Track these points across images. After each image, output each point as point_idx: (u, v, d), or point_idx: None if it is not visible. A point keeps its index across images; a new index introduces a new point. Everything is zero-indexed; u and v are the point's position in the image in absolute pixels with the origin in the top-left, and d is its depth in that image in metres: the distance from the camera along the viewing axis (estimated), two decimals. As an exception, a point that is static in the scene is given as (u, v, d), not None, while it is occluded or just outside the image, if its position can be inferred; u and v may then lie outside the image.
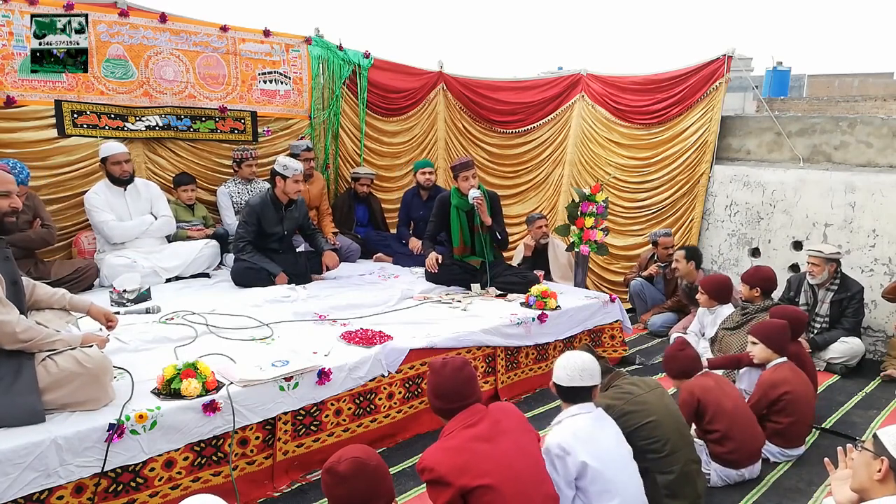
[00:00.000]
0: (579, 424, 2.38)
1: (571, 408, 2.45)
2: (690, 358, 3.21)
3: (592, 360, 2.49)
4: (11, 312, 2.36)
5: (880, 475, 1.70)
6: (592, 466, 2.27)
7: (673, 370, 3.26)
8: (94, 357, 2.50)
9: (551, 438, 2.36)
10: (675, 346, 3.31)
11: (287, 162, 4.74)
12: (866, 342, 4.89)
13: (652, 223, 6.05)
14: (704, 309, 4.56)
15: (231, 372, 2.90)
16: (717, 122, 5.69)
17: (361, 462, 1.82)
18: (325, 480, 1.83)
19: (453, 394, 2.23)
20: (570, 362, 2.46)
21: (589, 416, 2.43)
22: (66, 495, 2.38)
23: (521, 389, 4.15)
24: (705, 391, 3.04)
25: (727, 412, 3.01)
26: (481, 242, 4.79)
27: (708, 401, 3.01)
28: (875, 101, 15.91)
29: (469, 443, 2.12)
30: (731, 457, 3.01)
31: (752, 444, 3.08)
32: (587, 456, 2.28)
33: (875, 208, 5.01)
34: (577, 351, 2.57)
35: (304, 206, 5.04)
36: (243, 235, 4.74)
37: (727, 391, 3.11)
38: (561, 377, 2.45)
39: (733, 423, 3.00)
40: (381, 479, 1.84)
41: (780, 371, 3.35)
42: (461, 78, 7.05)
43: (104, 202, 4.68)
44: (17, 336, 2.34)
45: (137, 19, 4.99)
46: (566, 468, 2.28)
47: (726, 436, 2.99)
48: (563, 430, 2.37)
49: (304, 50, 6.03)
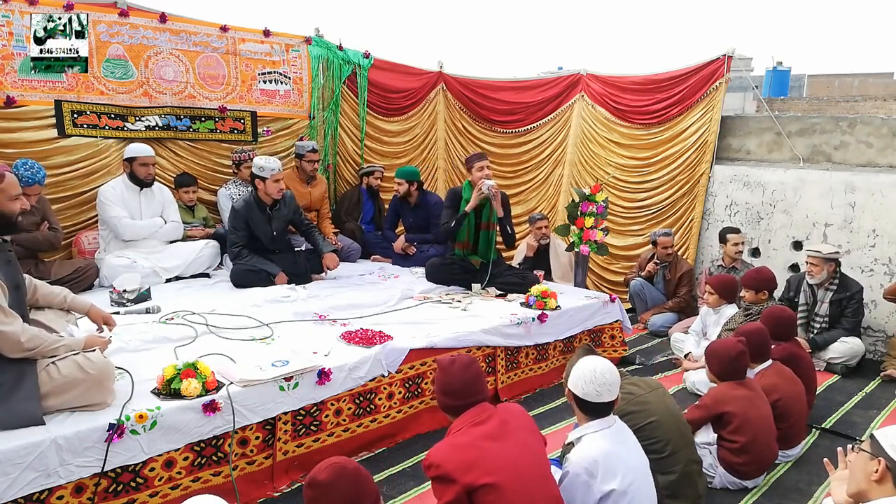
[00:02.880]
0: (604, 446, 2.26)
1: (592, 423, 2.33)
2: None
3: (614, 370, 2.34)
4: (15, 322, 2.34)
5: (877, 476, 1.70)
6: (618, 491, 2.19)
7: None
8: (97, 362, 2.50)
9: (577, 460, 2.24)
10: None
11: (263, 163, 4.69)
12: (866, 342, 4.89)
13: (652, 223, 6.05)
14: (708, 309, 4.55)
15: (231, 372, 2.90)
16: (717, 122, 5.69)
17: (340, 466, 1.79)
18: (309, 495, 1.78)
19: (461, 391, 2.23)
20: (593, 376, 2.29)
21: (610, 431, 2.31)
22: (66, 495, 2.38)
23: (521, 389, 4.15)
24: (732, 401, 2.97)
25: (752, 426, 2.95)
26: (486, 240, 4.79)
27: (734, 412, 2.95)
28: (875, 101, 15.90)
29: (478, 440, 2.11)
30: (742, 468, 2.99)
31: (767, 458, 3.05)
32: (615, 482, 2.19)
33: (875, 208, 5.01)
34: (598, 359, 2.38)
35: (292, 203, 4.97)
36: (236, 241, 4.73)
37: (757, 404, 3.02)
38: (587, 392, 2.29)
39: (755, 439, 2.95)
40: (363, 481, 1.82)
41: (767, 377, 3.29)
42: (461, 78, 7.05)
43: (119, 198, 4.71)
44: (22, 346, 2.34)
45: (137, 19, 4.99)
46: (590, 492, 2.20)
47: (745, 449, 2.94)
48: (588, 451, 2.25)
49: (304, 50, 6.03)
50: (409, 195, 5.88)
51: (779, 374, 3.33)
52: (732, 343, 3.07)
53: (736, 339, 3.11)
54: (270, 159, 4.75)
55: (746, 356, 3.06)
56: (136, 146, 4.81)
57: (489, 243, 4.78)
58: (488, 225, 4.76)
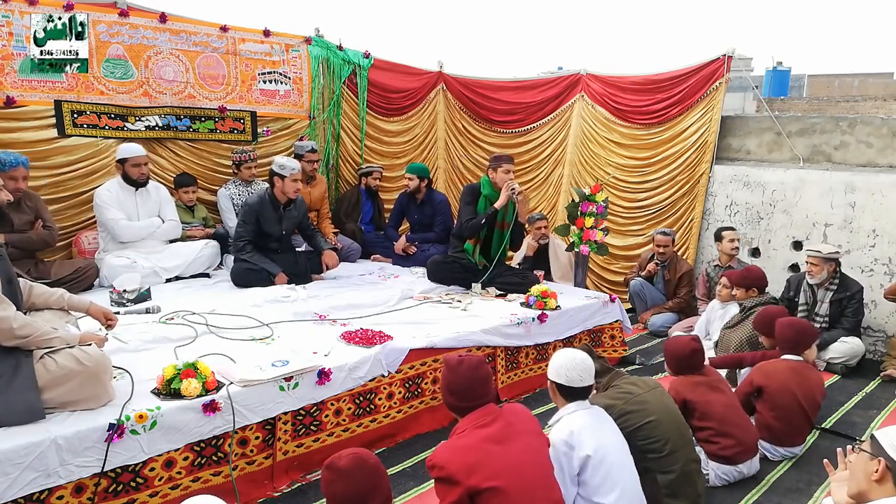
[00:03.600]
0: (579, 420, 2.41)
1: (569, 405, 2.49)
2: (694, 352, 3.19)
3: (587, 358, 2.53)
4: (8, 308, 2.35)
5: (877, 476, 1.70)
6: (594, 458, 2.30)
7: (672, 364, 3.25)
8: (94, 355, 2.50)
9: (555, 436, 2.39)
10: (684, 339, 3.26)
11: (284, 162, 4.74)
12: (866, 342, 4.89)
13: (652, 223, 6.05)
14: (714, 305, 4.53)
15: (231, 372, 2.90)
16: (717, 122, 5.69)
17: (361, 458, 1.85)
18: (325, 477, 1.85)
19: (468, 392, 2.24)
20: (569, 363, 2.48)
21: (587, 411, 2.47)
22: (66, 495, 2.38)
23: (521, 389, 4.16)
24: (691, 388, 3.04)
25: (716, 409, 3.01)
26: (500, 239, 4.79)
27: (695, 399, 3.01)
28: (875, 101, 15.90)
29: (481, 443, 2.12)
30: (724, 453, 3.01)
31: (745, 437, 3.06)
32: (589, 448, 2.32)
33: (875, 208, 5.01)
34: (574, 350, 2.59)
35: (303, 206, 5.04)
36: (242, 235, 4.75)
37: (716, 386, 3.11)
38: (561, 377, 2.48)
39: (724, 420, 3.01)
40: (379, 476, 1.87)
41: (772, 364, 3.38)
42: (461, 78, 7.05)
43: (115, 200, 4.69)
44: (14, 332, 2.34)
45: (137, 19, 4.99)
46: (570, 463, 2.32)
47: (718, 432, 3.00)
48: (565, 427, 2.40)
49: (304, 50, 6.03)
50: (418, 191, 5.92)
51: (793, 369, 3.34)
52: (686, 341, 3.18)
53: (690, 337, 3.24)
54: (291, 159, 4.84)
55: (699, 353, 3.14)
56: (126, 147, 4.76)
57: (501, 243, 4.79)
58: (503, 224, 4.77)
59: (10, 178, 3.95)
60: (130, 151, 4.73)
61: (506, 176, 4.67)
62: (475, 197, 4.81)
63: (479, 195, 4.79)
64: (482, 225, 4.70)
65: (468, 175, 7.08)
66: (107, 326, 2.97)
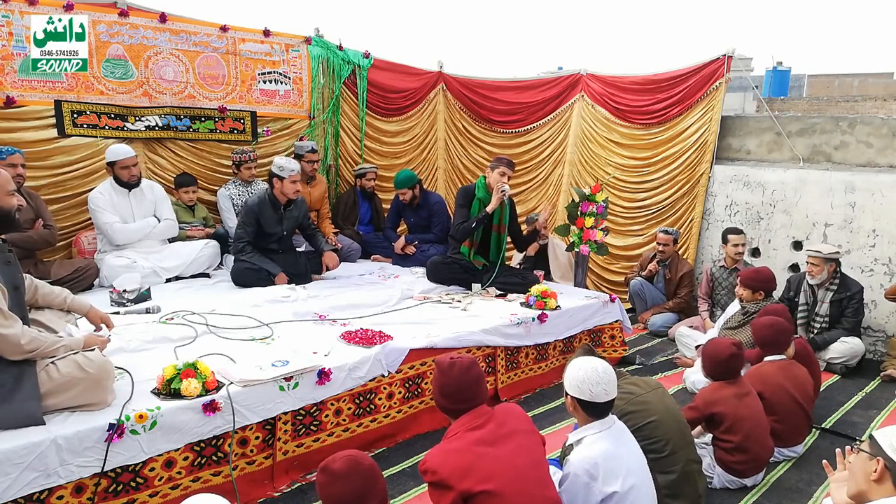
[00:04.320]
0: (604, 447, 2.25)
1: (592, 424, 2.32)
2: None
3: (609, 367, 2.34)
4: (15, 325, 2.34)
5: (876, 476, 1.71)
6: (620, 493, 2.19)
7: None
8: (96, 361, 2.50)
9: (577, 461, 2.23)
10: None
11: (283, 163, 4.74)
12: (866, 342, 4.89)
13: (652, 223, 6.05)
14: (737, 303, 4.46)
15: (231, 372, 2.90)
16: (717, 122, 5.70)
17: (356, 460, 1.84)
18: (321, 480, 1.84)
19: (460, 394, 2.21)
20: (592, 376, 2.28)
21: (610, 432, 2.31)
22: (66, 495, 2.38)
23: (521, 389, 4.16)
24: (723, 402, 2.99)
25: (744, 425, 2.97)
26: (497, 242, 4.80)
27: (726, 413, 2.97)
28: (875, 101, 15.89)
29: (473, 446, 2.10)
30: (738, 467, 3.00)
31: (762, 456, 3.05)
32: (616, 485, 2.18)
33: (875, 208, 5.01)
34: (593, 359, 2.37)
35: (304, 206, 5.04)
36: (242, 236, 4.75)
37: (747, 402, 3.04)
38: (584, 392, 2.27)
39: (748, 437, 2.97)
40: (374, 479, 1.86)
41: (765, 368, 3.36)
42: (461, 78, 7.05)
43: (108, 203, 4.66)
44: (22, 348, 2.33)
45: (137, 19, 5.00)
46: (591, 494, 2.19)
47: (739, 447, 2.96)
48: (589, 453, 2.24)
49: (304, 50, 6.03)
50: (413, 198, 5.90)
51: (782, 369, 3.34)
52: (726, 344, 3.08)
53: (730, 341, 3.12)
54: (290, 160, 4.82)
55: (739, 358, 3.06)
56: (114, 149, 4.69)
57: (499, 245, 4.81)
58: (499, 228, 4.78)
59: (9, 164, 3.98)
60: (118, 154, 4.66)
61: (499, 178, 4.68)
62: (469, 199, 4.82)
63: (472, 197, 4.80)
64: (473, 229, 4.71)
65: (468, 175, 7.08)
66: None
